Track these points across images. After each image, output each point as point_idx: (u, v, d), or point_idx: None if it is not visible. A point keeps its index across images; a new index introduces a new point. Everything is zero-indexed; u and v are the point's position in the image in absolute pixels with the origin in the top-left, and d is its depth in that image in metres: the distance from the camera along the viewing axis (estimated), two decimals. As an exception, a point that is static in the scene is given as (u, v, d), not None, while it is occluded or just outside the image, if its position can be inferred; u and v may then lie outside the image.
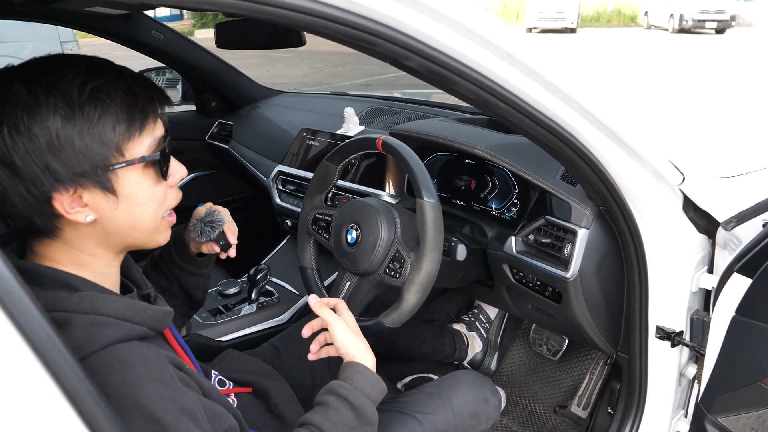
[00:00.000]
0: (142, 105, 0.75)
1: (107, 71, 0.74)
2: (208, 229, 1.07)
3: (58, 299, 0.71)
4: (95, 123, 0.71)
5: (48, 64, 0.73)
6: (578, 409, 1.75)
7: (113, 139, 0.72)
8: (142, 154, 0.76)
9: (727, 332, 1.06)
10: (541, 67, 0.85)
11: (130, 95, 0.74)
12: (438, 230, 1.13)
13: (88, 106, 0.70)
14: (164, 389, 0.71)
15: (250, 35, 1.59)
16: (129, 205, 0.77)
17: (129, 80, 0.75)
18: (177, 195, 0.86)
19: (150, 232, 0.83)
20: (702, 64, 10.90)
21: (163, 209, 0.83)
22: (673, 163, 1.07)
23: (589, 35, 17.14)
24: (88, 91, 0.71)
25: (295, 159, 1.99)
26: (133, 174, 0.76)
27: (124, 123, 0.73)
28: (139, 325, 0.75)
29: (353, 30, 0.70)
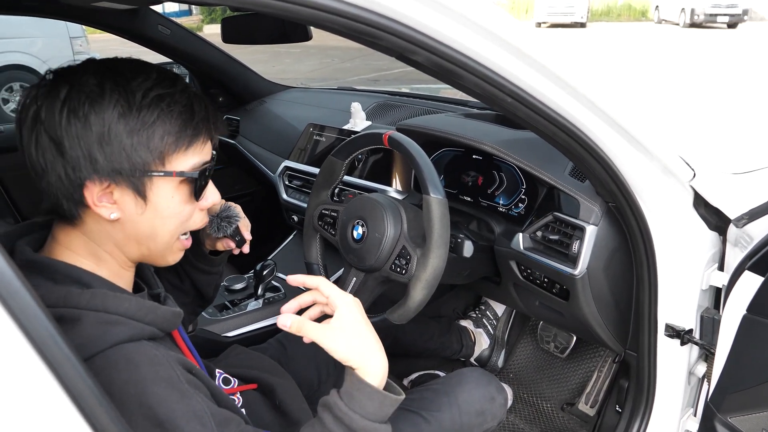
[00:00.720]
0: (196, 123, 0.77)
1: (174, 84, 0.77)
2: (225, 224, 1.06)
3: (69, 295, 0.72)
4: (147, 127, 0.73)
5: (124, 65, 0.76)
6: (586, 407, 1.74)
7: (159, 147, 0.75)
8: (182, 169, 0.78)
9: (738, 331, 1.05)
10: (549, 62, 0.84)
11: (188, 111, 0.77)
12: (444, 226, 1.12)
13: (146, 110, 0.73)
14: (171, 391, 0.70)
15: (257, 30, 1.58)
16: (155, 214, 0.79)
17: (192, 97, 0.78)
18: (202, 219, 0.87)
19: (164, 247, 0.83)
20: (714, 59, 10.79)
21: (183, 228, 0.84)
22: (683, 159, 1.05)
23: (599, 30, 17.01)
24: (151, 96, 0.74)
25: (301, 154, 1.98)
26: (167, 185, 0.78)
27: (173, 135, 0.76)
28: (149, 325, 0.75)
29: (358, 24, 0.69)
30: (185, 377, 0.74)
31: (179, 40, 2.08)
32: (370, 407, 0.79)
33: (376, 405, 0.79)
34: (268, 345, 1.37)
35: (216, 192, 0.87)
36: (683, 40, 13.66)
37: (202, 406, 0.72)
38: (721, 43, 12.92)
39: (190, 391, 0.72)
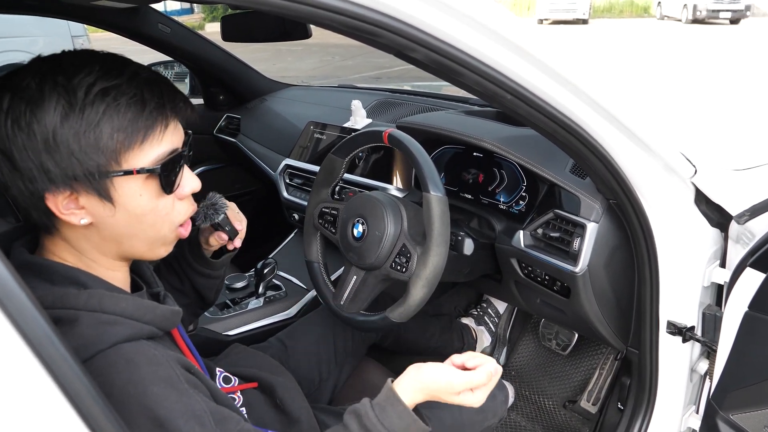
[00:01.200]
0: (149, 113, 0.71)
1: (121, 73, 0.71)
2: (211, 212, 1.04)
3: (66, 296, 0.71)
4: (93, 127, 0.68)
5: (66, 60, 0.70)
6: (588, 405, 1.74)
7: (110, 145, 0.69)
8: (142, 165, 0.72)
9: (740, 328, 1.04)
10: (549, 59, 0.83)
11: (137, 102, 0.70)
12: (445, 224, 1.11)
13: (90, 108, 0.68)
14: (170, 391, 0.70)
15: (256, 28, 1.58)
16: (127, 214, 0.75)
17: (141, 84, 0.71)
18: (188, 207, 0.83)
19: (150, 242, 0.80)
20: (716, 55, 10.76)
21: (168, 222, 0.79)
22: (684, 156, 1.05)
23: (602, 26, 16.97)
24: (94, 92, 0.68)
25: (302, 152, 1.98)
26: (132, 184, 0.73)
27: (124, 131, 0.70)
28: (147, 324, 0.75)
29: (357, 21, 0.68)
30: (184, 376, 0.73)
31: (180, 39, 2.07)
32: (399, 425, 0.83)
33: (405, 426, 0.83)
34: (269, 344, 1.37)
35: (194, 178, 0.82)
36: (686, 37, 13.61)
37: (201, 406, 0.72)
38: (723, 39, 12.87)
39: (190, 390, 0.72)
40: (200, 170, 2.49)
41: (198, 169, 2.49)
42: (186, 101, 0.78)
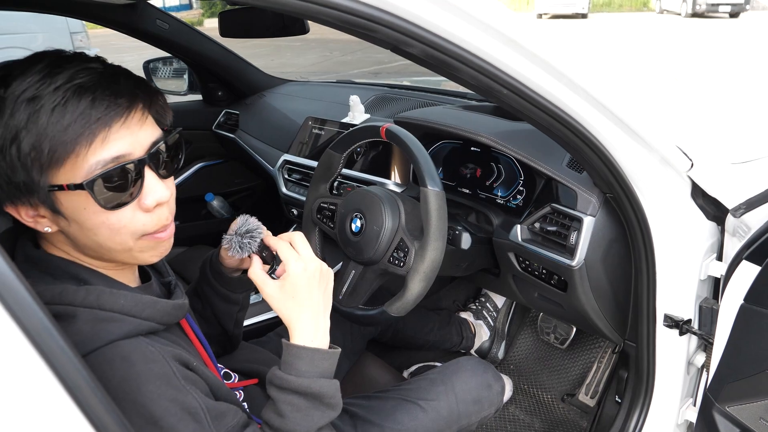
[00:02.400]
0: (68, 128, 0.64)
1: (54, 79, 0.65)
2: (247, 241, 0.91)
3: (65, 292, 0.71)
4: (13, 141, 0.64)
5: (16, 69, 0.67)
6: (586, 398, 1.75)
7: (29, 161, 0.64)
8: (75, 180, 0.67)
9: (736, 320, 1.05)
10: (545, 53, 0.83)
11: (59, 114, 0.64)
12: (442, 219, 1.12)
13: (12, 121, 0.64)
14: (165, 388, 0.70)
15: (254, 24, 1.58)
16: (80, 227, 0.71)
17: (69, 92, 0.65)
18: (156, 218, 0.75)
19: (121, 252, 0.75)
20: (715, 48, 10.74)
21: (129, 234, 0.73)
22: (681, 149, 1.05)
23: (601, 20, 16.94)
24: (22, 102, 0.64)
25: (301, 148, 1.98)
26: (72, 197, 0.69)
27: (44, 148, 0.64)
28: (146, 320, 0.75)
29: (352, 16, 0.69)
30: (181, 373, 0.73)
31: (178, 35, 2.07)
32: (302, 366, 0.83)
33: (307, 362, 0.84)
34: (268, 338, 1.37)
35: (159, 187, 0.73)
36: (685, 30, 13.59)
37: (197, 402, 0.72)
38: (722, 33, 12.85)
39: (186, 387, 0.72)
40: (199, 166, 2.49)
41: (197, 164, 2.49)
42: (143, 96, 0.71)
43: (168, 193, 0.75)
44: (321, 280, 0.89)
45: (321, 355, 0.85)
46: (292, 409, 0.82)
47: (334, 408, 0.86)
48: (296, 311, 0.87)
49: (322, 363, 0.85)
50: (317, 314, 0.88)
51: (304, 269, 0.87)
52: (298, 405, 0.82)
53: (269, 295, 0.87)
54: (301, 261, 0.87)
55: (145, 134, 0.72)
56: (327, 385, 0.84)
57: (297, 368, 0.83)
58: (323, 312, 0.89)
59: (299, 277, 0.86)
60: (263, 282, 0.88)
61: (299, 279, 0.86)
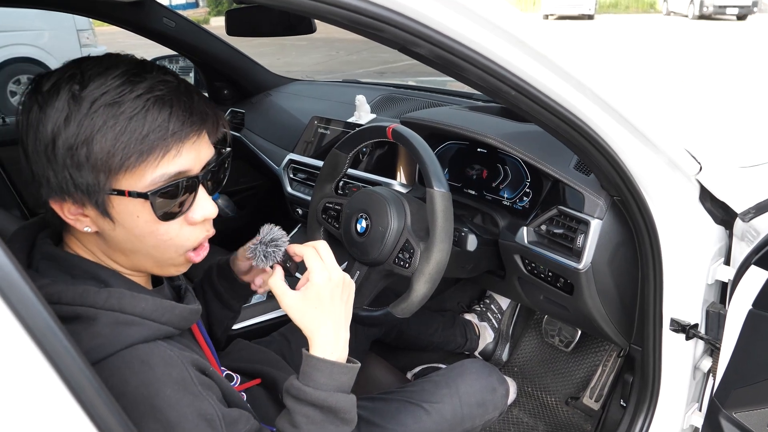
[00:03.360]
0: (145, 136, 0.66)
1: (135, 86, 0.66)
2: (272, 250, 0.90)
3: (86, 293, 0.71)
4: (86, 142, 0.65)
5: (90, 68, 0.67)
6: (590, 401, 1.74)
7: (99, 165, 0.66)
8: (138, 188, 0.69)
9: (744, 326, 1.04)
10: (554, 54, 0.83)
11: (138, 123, 0.66)
12: (448, 220, 1.11)
13: (88, 122, 0.65)
14: (183, 394, 0.70)
15: (261, 22, 1.58)
16: (126, 232, 0.72)
17: (151, 101, 0.66)
18: (199, 233, 0.77)
19: (155, 261, 0.77)
20: (722, 51, 10.70)
21: (173, 246, 0.75)
22: (689, 152, 1.04)
23: (607, 22, 16.89)
24: (97, 106, 0.65)
25: (306, 147, 1.98)
26: (129, 204, 0.70)
27: (118, 153, 0.65)
28: (165, 325, 0.75)
29: (360, 16, 0.68)
30: (198, 378, 0.73)
31: (184, 33, 2.08)
32: (321, 378, 0.83)
33: (326, 375, 0.83)
34: (272, 339, 1.37)
35: (209, 204, 0.76)
36: (692, 33, 13.54)
37: (213, 409, 0.72)
38: (730, 36, 12.80)
39: (202, 393, 0.72)
40: (204, 164, 2.49)
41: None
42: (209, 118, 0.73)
43: (216, 210, 0.77)
44: (344, 291, 0.89)
45: (340, 369, 0.85)
46: (307, 421, 0.82)
47: (349, 423, 0.85)
48: (318, 322, 0.85)
49: (340, 377, 0.84)
50: (339, 326, 0.87)
51: (329, 279, 0.86)
52: (314, 418, 0.82)
53: (289, 305, 0.86)
54: (326, 271, 0.86)
55: (205, 152, 0.74)
56: (344, 400, 0.84)
57: (315, 380, 0.83)
58: (344, 324, 0.89)
59: (323, 287, 0.85)
60: (283, 292, 0.86)
61: (323, 289, 0.85)
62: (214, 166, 0.77)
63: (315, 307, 0.85)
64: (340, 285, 0.88)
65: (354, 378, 0.87)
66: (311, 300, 0.85)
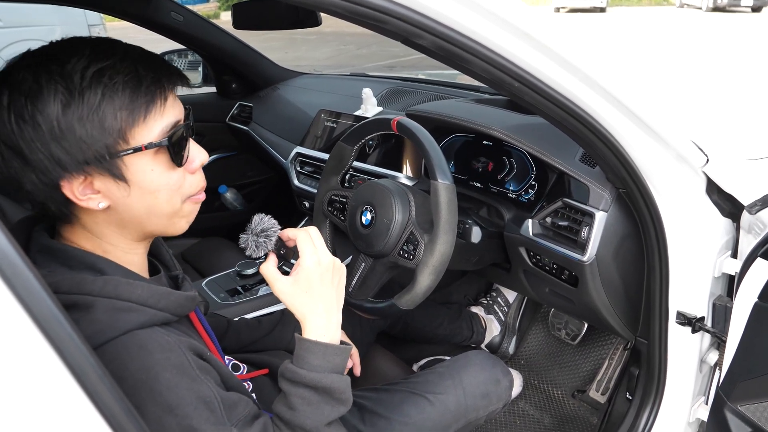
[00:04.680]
0: (146, 88, 0.72)
1: (113, 53, 0.71)
2: (263, 240, 0.93)
3: (83, 282, 0.72)
4: (95, 109, 0.69)
5: (56, 49, 0.71)
6: (597, 394, 1.74)
7: (115, 125, 0.70)
8: (149, 140, 0.73)
9: (750, 319, 1.03)
10: (558, 46, 0.83)
11: (133, 78, 0.71)
12: (452, 212, 1.12)
13: (89, 91, 0.68)
14: (181, 377, 0.71)
15: (267, 16, 1.58)
16: (142, 192, 0.75)
17: (134, 62, 0.72)
18: (199, 180, 0.83)
19: (168, 217, 0.80)
20: (736, 43, 10.56)
21: (181, 195, 0.80)
22: (696, 145, 1.04)
23: (619, 14, 16.73)
24: (89, 75, 0.68)
25: (313, 140, 1.99)
26: (142, 160, 0.74)
27: (126, 108, 0.70)
28: (162, 311, 0.76)
29: (363, 8, 0.68)
30: (196, 363, 0.74)
31: (192, 27, 2.08)
32: (314, 360, 0.85)
33: (320, 357, 0.85)
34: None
35: (201, 151, 0.82)
36: (705, 25, 13.38)
37: (211, 392, 0.73)
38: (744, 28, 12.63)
39: (201, 377, 0.73)
40: (213, 158, 2.51)
41: (211, 156, 2.51)
42: (180, 74, 0.78)
43: (207, 155, 0.83)
44: (334, 275, 0.90)
45: (333, 350, 0.86)
46: (303, 402, 0.83)
47: (345, 403, 0.86)
48: (309, 306, 0.87)
49: (333, 358, 0.86)
50: (330, 309, 0.89)
51: (318, 263, 0.88)
52: (309, 399, 0.83)
53: (280, 290, 0.88)
54: (316, 255, 0.88)
55: (180, 104, 0.79)
56: (338, 380, 0.85)
57: (309, 362, 0.84)
58: (336, 307, 0.90)
59: (313, 271, 0.87)
60: (275, 278, 0.89)
61: (313, 273, 0.87)
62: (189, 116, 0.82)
63: (305, 291, 0.87)
64: (330, 269, 0.90)
65: (347, 359, 0.89)
66: (302, 284, 0.87)
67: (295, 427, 0.83)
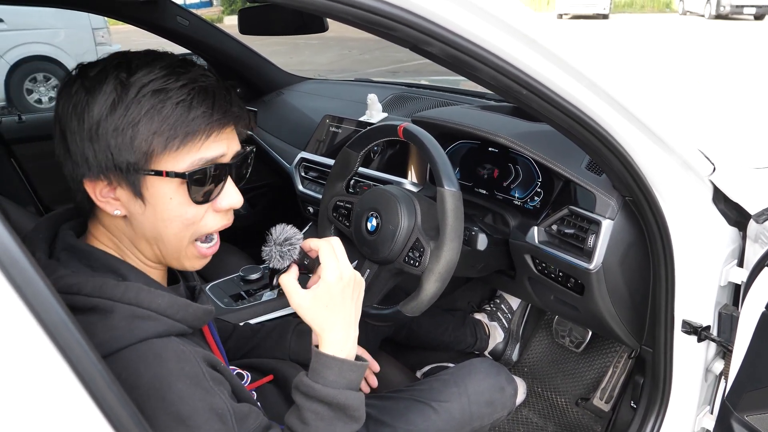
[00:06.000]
0: (192, 119, 0.71)
1: (179, 77, 0.72)
2: (287, 250, 0.89)
3: (105, 285, 0.72)
4: (132, 125, 0.70)
5: (137, 59, 0.73)
6: (601, 403, 1.73)
7: (143, 147, 0.71)
8: (174, 169, 0.73)
9: (757, 328, 1.03)
10: (566, 53, 0.83)
11: (184, 106, 0.71)
12: (458, 219, 1.11)
13: (135, 106, 0.70)
14: (195, 389, 0.71)
15: (273, 21, 1.59)
16: (155, 215, 0.76)
17: (194, 91, 0.72)
18: (219, 221, 0.80)
19: (173, 251, 0.79)
20: (739, 51, 10.57)
21: (191, 232, 0.78)
22: (703, 153, 1.03)
23: (622, 21, 16.75)
24: (145, 91, 0.70)
25: (318, 146, 1.99)
26: (164, 185, 0.74)
27: (161, 135, 0.71)
28: (179, 322, 0.76)
29: (372, 15, 0.68)
30: (210, 374, 0.74)
31: (197, 32, 2.09)
32: (330, 375, 0.84)
33: (336, 372, 0.84)
34: None
35: (236, 194, 0.80)
36: (708, 32, 13.39)
37: (224, 404, 0.73)
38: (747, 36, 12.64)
39: (214, 388, 0.73)
40: (217, 162, 2.51)
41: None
42: (241, 116, 0.78)
43: (241, 200, 0.81)
44: (354, 290, 0.89)
45: (349, 366, 0.86)
46: (316, 417, 0.83)
47: (358, 421, 0.86)
48: (329, 321, 0.86)
49: (349, 374, 0.85)
50: (348, 324, 0.88)
51: (340, 278, 0.86)
52: (323, 414, 0.83)
53: (299, 305, 0.86)
54: (338, 269, 0.87)
55: (236, 144, 0.79)
56: (353, 397, 0.84)
57: (325, 377, 0.84)
58: (354, 322, 0.90)
59: (334, 286, 0.86)
60: (294, 291, 0.87)
61: (334, 288, 0.86)
62: (240, 159, 0.81)
63: (326, 305, 0.86)
64: (351, 284, 0.88)
65: (362, 376, 0.88)
66: (322, 299, 0.86)
67: None
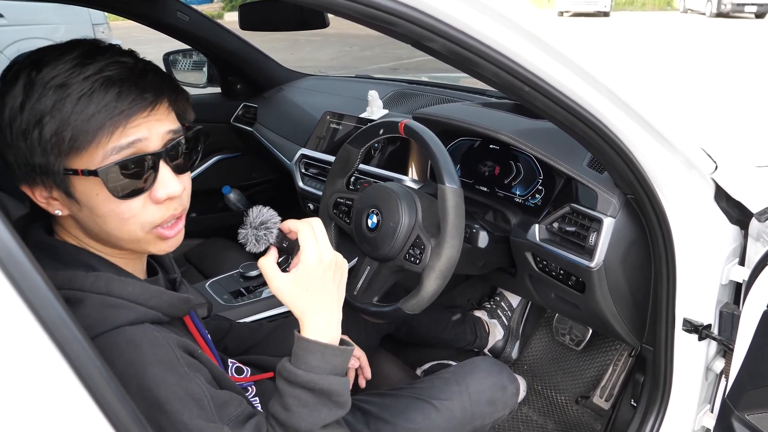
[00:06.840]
0: (93, 117, 0.67)
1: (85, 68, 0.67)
2: (263, 233, 0.87)
3: (74, 277, 0.72)
4: (36, 124, 0.66)
5: (49, 54, 0.69)
6: (601, 401, 1.73)
7: (49, 146, 0.67)
8: (90, 166, 0.69)
9: (758, 327, 1.03)
10: (568, 50, 0.82)
11: (84, 103, 0.66)
12: (459, 216, 1.11)
13: (39, 105, 0.66)
14: (169, 374, 0.71)
15: (274, 17, 1.58)
16: (91, 212, 0.73)
17: (96, 83, 0.67)
18: (163, 212, 0.76)
19: (129, 242, 0.76)
20: (740, 49, 10.56)
21: (138, 225, 0.74)
22: (705, 151, 1.03)
23: (623, 19, 16.73)
24: (47, 87, 0.66)
25: (318, 142, 1.98)
26: (87, 184, 0.70)
27: (66, 132, 0.66)
28: (152, 309, 0.75)
29: (374, 10, 0.68)
30: (185, 360, 0.74)
31: (198, 27, 2.08)
32: (313, 360, 0.81)
33: (318, 357, 0.81)
34: None
35: (172, 181, 0.74)
36: (709, 31, 13.37)
37: (200, 389, 0.73)
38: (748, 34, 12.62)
39: (189, 374, 0.73)
40: (217, 159, 2.51)
41: (215, 157, 2.51)
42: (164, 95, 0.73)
43: (180, 188, 0.76)
44: (336, 272, 0.86)
45: (332, 351, 0.83)
46: (299, 403, 0.80)
47: (343, 406, 0.83)
48: (309, 304, 0.83)
49: (333, 359, 0.83)
50: (331, 307, 0.85)
51: (320, 260, 0.83)
52: (306, 400, 0.80)
53: (278, 288, 0.83)
54: (318, 251, 0.84)
55: (164, 127, 0.74)
56: (337, 382, 0.82)
57: (307, 363, 0.81)
58: (337, 305, 0.87)
59: (314, 269, 0.83)
60: (273, 274, 0.84)
61: (314, 270, 0.83)
62: (178, 143, 0.76)
63: (305, 289, 0.83)
64: (332, 266, 0.85)
65: (347, 360, 0.85)
66: (302, 282, 0.83)
67: (289, 429, 0.80)
